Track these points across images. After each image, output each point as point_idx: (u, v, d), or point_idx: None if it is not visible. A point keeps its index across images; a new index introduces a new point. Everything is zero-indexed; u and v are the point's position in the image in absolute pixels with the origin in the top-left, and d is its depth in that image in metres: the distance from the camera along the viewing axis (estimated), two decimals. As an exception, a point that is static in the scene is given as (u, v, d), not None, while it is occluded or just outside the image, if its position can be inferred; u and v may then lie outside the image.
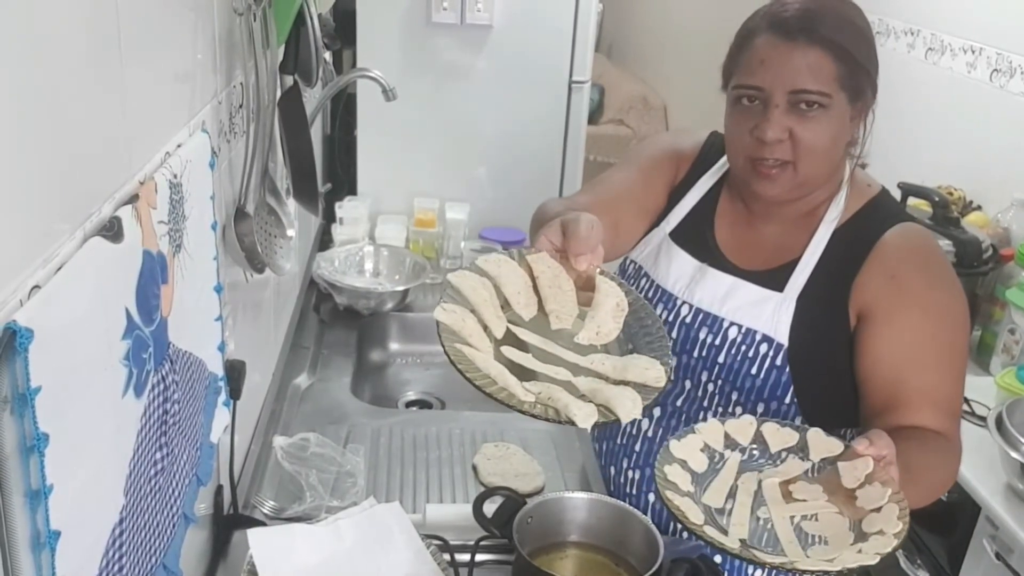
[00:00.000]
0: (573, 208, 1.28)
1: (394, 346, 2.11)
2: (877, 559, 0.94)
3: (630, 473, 1.38)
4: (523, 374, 0.91)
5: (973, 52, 2.59)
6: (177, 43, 1.00)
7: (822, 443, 1.09)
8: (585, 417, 0.86)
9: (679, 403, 1.32)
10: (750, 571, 1.30)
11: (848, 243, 1.21)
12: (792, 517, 1.03)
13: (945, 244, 2.21)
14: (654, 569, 1.11)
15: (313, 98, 1.94)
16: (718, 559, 1.25)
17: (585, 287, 0.99)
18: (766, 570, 1.28)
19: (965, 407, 1.94)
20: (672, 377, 0.93)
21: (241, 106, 1.29)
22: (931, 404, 1.15)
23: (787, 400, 1.22)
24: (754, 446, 1.11)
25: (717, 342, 1.26)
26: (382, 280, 2.21)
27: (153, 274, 0.81)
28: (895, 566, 1.96)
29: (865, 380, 1.19)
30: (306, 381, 1.78)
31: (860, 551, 0.96)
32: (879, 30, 3.07)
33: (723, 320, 1.25)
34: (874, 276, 1.18)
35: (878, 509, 0.99)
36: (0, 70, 0.58)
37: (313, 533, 1.23)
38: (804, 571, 0.94)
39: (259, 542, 1.18)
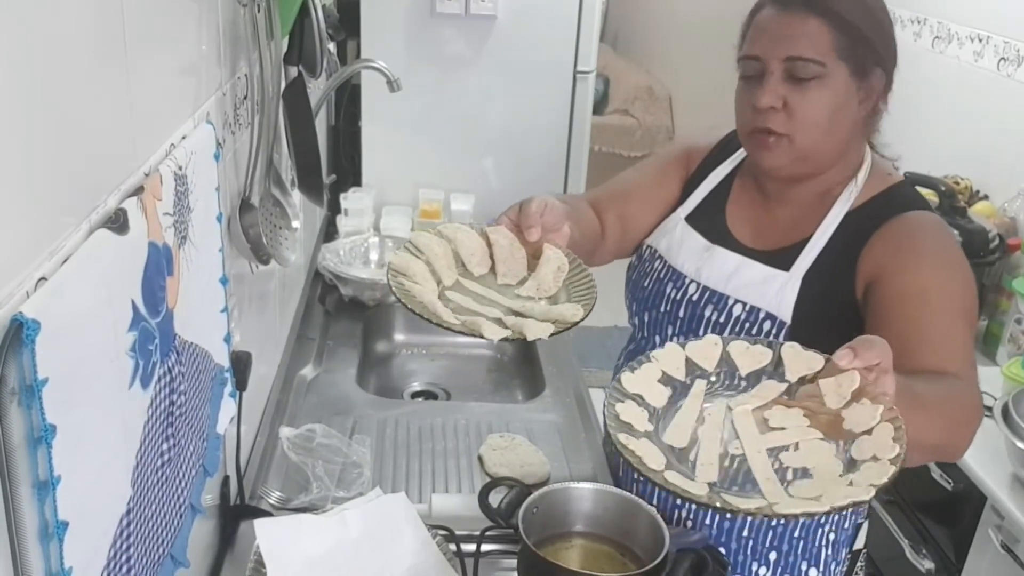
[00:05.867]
0: (575, 201, 1.36)
1: (399, 337, 2.12)
2: (872, 493, 0.81)
3: None
4: (462, 312, 1.03)
5: (980, 41, 2.58)
6: (182, 35, 1.00)
7: (800, 359, 0.96)
8: (494, 333, 0.99)
9: None
10: (755, 568, 1.29)
11: (859, 224, 1.20)
12: (770, 450, 0.90)
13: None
14: (659, 559, 1.11)
15: (317, 89, 1.94)
16: (720, 543, 1.26)
17: (536, 257, 1.13)
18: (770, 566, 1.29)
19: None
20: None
21: (245, 98, 1.29)
22: (944, 349, 1.11)
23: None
24: (721, 370, 0.98)
25: (721, 320, 1.26)
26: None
27: (159, 266, 0.81)
28: (900, 556, 1.96)
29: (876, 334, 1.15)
30: (312, 372, 1.78)
31: (851, 484, 0.83)
32: (885, 19, 3.06)
33: (728, 298, 1.25)
34: (882, 245, 1.17)
35: (869, 431, 0.86)
36: (5, 63, 0.58)
37: (319, 523, 1.24)
38: (786, 516, 0.82)
39: (266, 532, 1.19)
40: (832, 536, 1.28)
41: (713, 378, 0.99)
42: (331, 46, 2.03)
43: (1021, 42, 2.42)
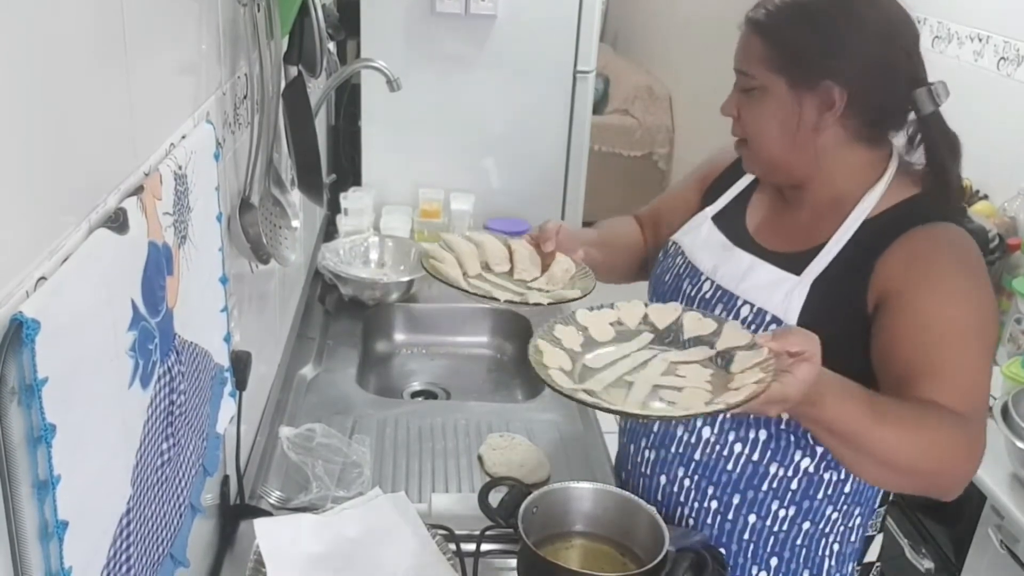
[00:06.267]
0: (615, 223, 1.58)
1: (399, 336, 2.12)
2: (720, 407, 0.91)
3: (647, 452, 1.37)
4: (480, 290, 1.23)
5: (980, 40, 2.58)
6: (181, 34, 1.00)
7: (734, 334, 1.04)
8: (502, 294, 1.20)
9: None
10: (755, 572, 1.29)
11: (876, 233, 1.17)
12: (657, 386, 0.98)
13: (951, 234, 2.21)
14: (659, 559, 1.11)
15: (317, 89, 1.94)
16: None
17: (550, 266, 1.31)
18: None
19: (971, 397, 1.94)
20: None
21: (245, 97, 1.29)
22: (952, 384, 1.08)
23: None
24: (671, 332, 1.08)
25: (732, 319, 1.25)
26: (387, 271, 2.21)
27: (159, 265, 0.81)
28: (900, 556, 1.96)
29: (882, 361, 1.14)
30: (312, 372, 1.78)
31: (706, 403, 0.94)
32: (885, 19, 3.06)
33: (738, 299, 1.25)
34: (898, 260, 1.14)
35: (738, 388, 0.93)
36: (5, 63, 0.58)
37: (319, 523, 1.24)
38: (618, 411, 0.94)
39: (265, 532, 1.19)
40: (837, 547, 1.27)
41: (660, 335, 1.09)
42: (331, 45, 2.03)
43: (1021, 42, 2.42)
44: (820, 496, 1.23)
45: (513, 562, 1.20)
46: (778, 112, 1.18)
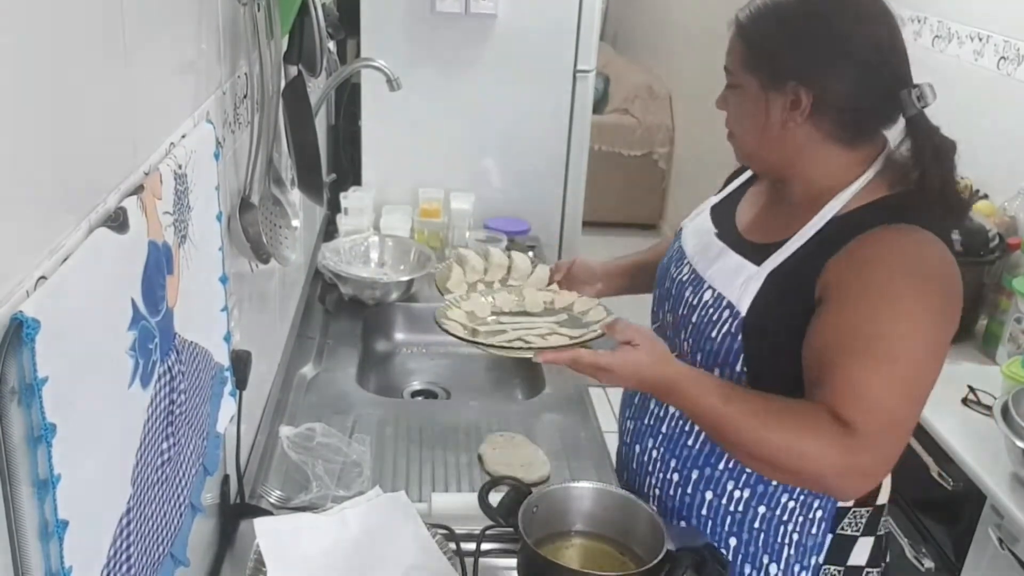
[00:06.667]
0: (661, 247, 1.64)
1: (399, 336, 2.12)
2: (529, 353, 1.27)
3: (628, 423, 1.45)
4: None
5: (980, 40, 2.58)
6: (181, 33, 1.00)
7: (592, 312, 1.45)
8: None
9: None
10: (747, 571, 1.30)
11: (839, 231, 1.18)
12: (520, 337, 1.34)
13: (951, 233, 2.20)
14: (659, 559, 1.11)
15: (317, 88, 1.94)
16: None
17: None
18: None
19: (971, 396, 1.94)
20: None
21: (245, 96, 1.29)
22: (840, 392, 1.10)
23: (738, 368, 1.23)
24: (569, 313, 1.47)
25: (694, 302, 1.30)
26: (387, 270, 2.21)
27: (159, 265, 0.81)
28: (900, 555, 1.97)
29: (805, 357, 1.17)
30: (312, 371, 1.79)
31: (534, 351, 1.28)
32: (885, 18, 3.06)
33: (704, 283, 1.29)
34: (843, 261, 1.15)
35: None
36: (5, 62, 0.58)
37: (319, 522, 1.24)
38: (473, 342, 1.34)
39: (265, 531, 1.19)
40: (796, 537, 1.27)
41: (571, 317, 1.46)
42: (331, 45, 2.03)
43: (1021, 41, 2.42)
44: (775, 483, 1.25)
45: (513, 561, 1.20)
46: (750, 109, 1.23)
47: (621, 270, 1.62)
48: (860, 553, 1.30)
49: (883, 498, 1.31)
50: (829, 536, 1.28)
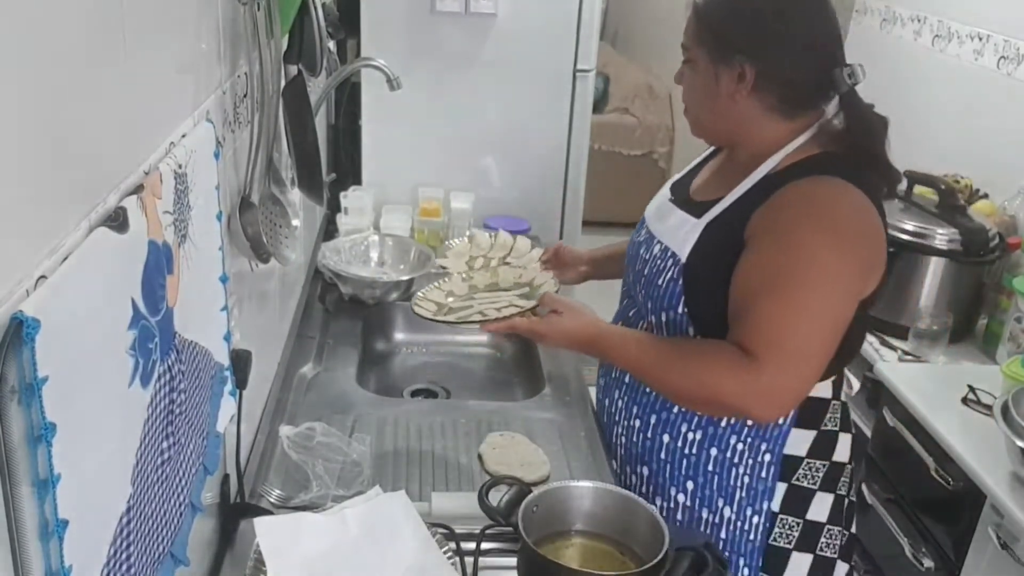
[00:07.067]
0: None
1: (399, 335, 2.12)
2: (477, 321, 1.45)
3: (601, 381, 1.59)
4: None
5: (980, 39, 2.58)
6: (181, 33, 1.00)
7: (546, 286, 1.60)
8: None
9: (630, 314, 1.51)
10: (673, 494, 1.43)
11: (767, 187, 1.30)
12: (481, 310, 1.50)
13: (951, 232, 2.21)
14: (659, 558, 1.11)
15: (317, 88, 1.93)
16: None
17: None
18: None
19: (971, 395, 1.94)
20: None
21: (245, 96, 1.29)
22: (752, 326, 1.25)
23: (680, 310, 1.36)
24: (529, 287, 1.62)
25: (647, 257, 1.44)
26: (387, 270, 2.21)
27: (159, 264, 0.81)
28: (900, 554, 1.97)
29: (730, 299, 1.30)
30: (312, 371, 1.78)
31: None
32: (885, 17, 3.06)
33: (655, 238, 1.44)
34: (767, 209, 1.28)
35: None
36: (5, 61, 0.58)
37: (319, 522, 1.24)
38: (438, 319, 1.50)
39: (265, 531, 1.19)
40: (747, 480, 1.38)
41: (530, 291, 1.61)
42: (331, 44, 2.03)
43: (1021, 40, 2.42)
44: (724, 424, 1.38)
45: (513, 561, 1.20)
46: (700, 80, 1.36)
47: (605, 255, 1.78)
48: (819, 509, 1.39)
49: (841, 456, 1.40)
50: (784, 486, 1.38)
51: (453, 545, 1.24)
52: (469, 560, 1.23)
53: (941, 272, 2.21)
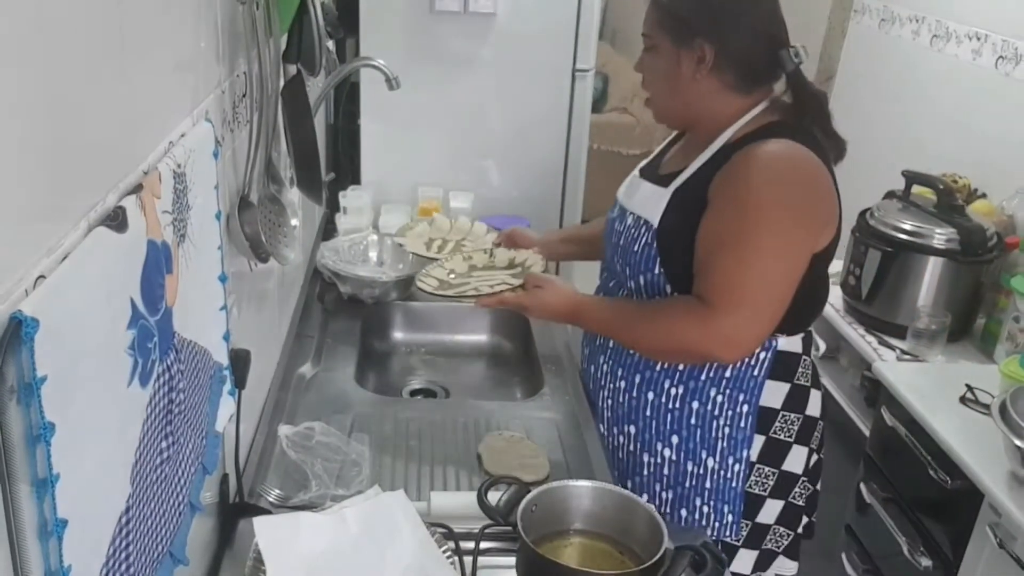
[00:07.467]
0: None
1: (398, 335, 2.12)
2: (471, 296, 1.58)
3: (585, 350, 1.72)
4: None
5: (978, 39, 2.58)
6: (180, 32, 0.99)
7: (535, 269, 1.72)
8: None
9: (610, 285, 1.63)
10: (660, 448, 1.53)
11: (726, 154, 1.42)
12: (476, 287, 1.62)
13: (950, 232, 2.21)
14: (658, 557, 1.11)
15: (316, 87, 1.93)
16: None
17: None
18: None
19: (969, 394, 1.94)
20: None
21: (244, 95, 1.29)
22: (711, 280, 1.38)
23: (656, 271, 1.48)
24: (519, 266, 1.76)
25: (620, 228, 1.56)
26: (386, 269, 2.21)
27: (158, 264, 0.81)
28: (898, 554, 1.97)
29: (695, 257, 1.42)
30: (311, 370, 1.79)
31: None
32: (884, 17, 3.06)
33: (627, 211, 1.55)
34: (725, 171, 1.40)
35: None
36: (4, 61, 0.58)
37: (318, 521, 1.24)
38: (436, 294, 1.62)
39: (265, 530, 1.19)
40: (728, 431, 1.50)
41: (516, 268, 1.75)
42: (330, 44, 2.03)
43: (1019, 40, 2.42)
44: (703, 377, 1.49)
45: (512, 560, 1.20)
46: (663, 65, 1.47)
47: (559, 238, 1.96)
48: (795, 461, 1.53)
49: (813, 410, 1.54)
50: (762, 439, 1.50)
51: (452, 544, 1.24)
52: (468, 559, 1.23)
53: (939, 272, 2.22)
